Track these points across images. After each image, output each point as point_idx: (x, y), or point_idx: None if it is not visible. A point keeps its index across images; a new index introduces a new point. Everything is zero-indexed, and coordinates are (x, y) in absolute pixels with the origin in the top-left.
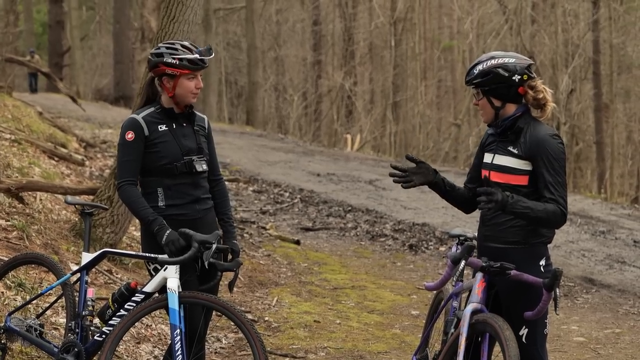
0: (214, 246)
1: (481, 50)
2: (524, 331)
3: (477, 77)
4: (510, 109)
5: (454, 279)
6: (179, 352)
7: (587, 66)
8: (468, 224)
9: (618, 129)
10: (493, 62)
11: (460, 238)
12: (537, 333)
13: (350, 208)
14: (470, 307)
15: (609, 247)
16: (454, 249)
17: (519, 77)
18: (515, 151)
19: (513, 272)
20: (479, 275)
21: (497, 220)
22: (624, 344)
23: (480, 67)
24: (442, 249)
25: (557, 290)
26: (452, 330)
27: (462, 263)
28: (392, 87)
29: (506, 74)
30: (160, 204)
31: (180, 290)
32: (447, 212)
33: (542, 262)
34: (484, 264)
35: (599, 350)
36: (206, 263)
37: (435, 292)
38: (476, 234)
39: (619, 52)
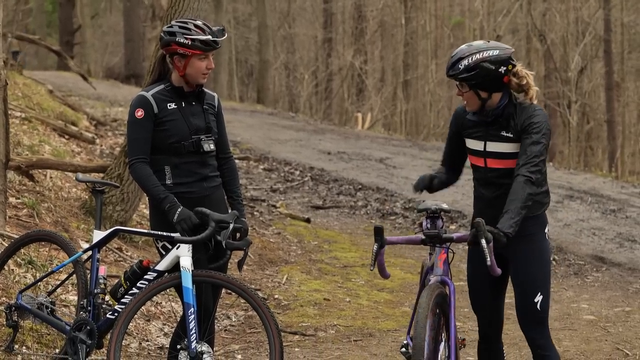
0: (231, 226)
1: (492, 29)
2: (539, 298)
3: (462, 72)
4: (496, 97)
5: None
6: (194, 331)
7: (598, 44)
8: None
9: (629, 107)
10: (478, 56)
11: (428, 212)
12: (548, 299)
13: (360, 186)
14: (433, 280)
15: (620, 226)
16: (424, 223)
17: (505, 68)
18: (510, 135)
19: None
20: (438, 248)
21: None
22: (634, 322)
23: (465, 62)
24: (453, 227)
25: (484, 242)
26: None
27: (375, 246)
28: (403, 66)
29: (492, 67)
30: (168, 182)
31: (193, 268)
32: (457, 190)
33: (547, 230)
34: (422, 237)
35: (608, 328)
36: (223, 243)
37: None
38: (443, 205)
39: (630, 31)
